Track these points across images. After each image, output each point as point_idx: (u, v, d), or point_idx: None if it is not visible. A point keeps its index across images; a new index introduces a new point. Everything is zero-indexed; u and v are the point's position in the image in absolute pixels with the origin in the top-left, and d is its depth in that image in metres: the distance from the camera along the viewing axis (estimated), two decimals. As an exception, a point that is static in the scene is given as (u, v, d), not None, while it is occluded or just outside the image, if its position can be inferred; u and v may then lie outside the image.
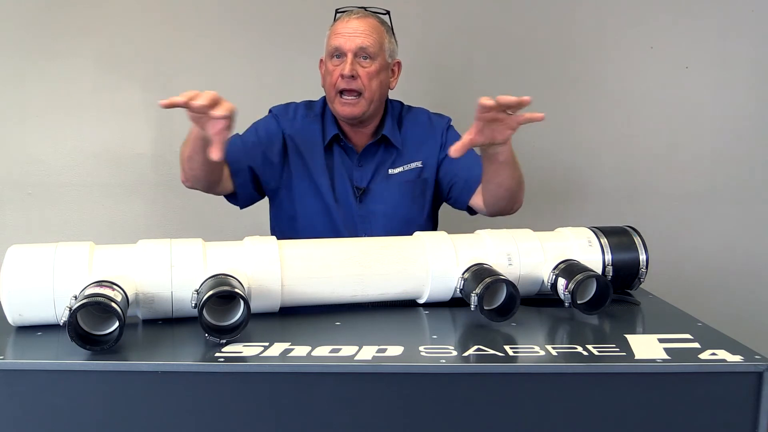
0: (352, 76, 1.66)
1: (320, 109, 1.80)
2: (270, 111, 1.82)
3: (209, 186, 1.65)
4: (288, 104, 1.83)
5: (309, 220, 1.74)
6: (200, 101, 1.25)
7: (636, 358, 0.99)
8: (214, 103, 1.27)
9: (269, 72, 2.33)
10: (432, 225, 1.83)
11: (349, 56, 1.66)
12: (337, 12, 1.77)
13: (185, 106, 1.26)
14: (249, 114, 2.32)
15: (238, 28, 2.32)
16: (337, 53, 1.68)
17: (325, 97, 1.82)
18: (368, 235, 1.69)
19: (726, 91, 2.41)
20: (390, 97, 1.84)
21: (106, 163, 2.31)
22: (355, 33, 1.67)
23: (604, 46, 2.40)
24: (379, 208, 1.73)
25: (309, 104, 1.82)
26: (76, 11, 2.25)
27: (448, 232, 1.27)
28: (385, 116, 1.79)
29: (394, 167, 1.76)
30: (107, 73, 2.28)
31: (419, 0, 2.33)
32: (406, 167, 1.76)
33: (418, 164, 1.77)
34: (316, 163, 1.74)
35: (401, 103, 1.87)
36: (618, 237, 1.29)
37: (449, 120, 1.85)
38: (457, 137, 1.81)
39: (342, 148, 1.76)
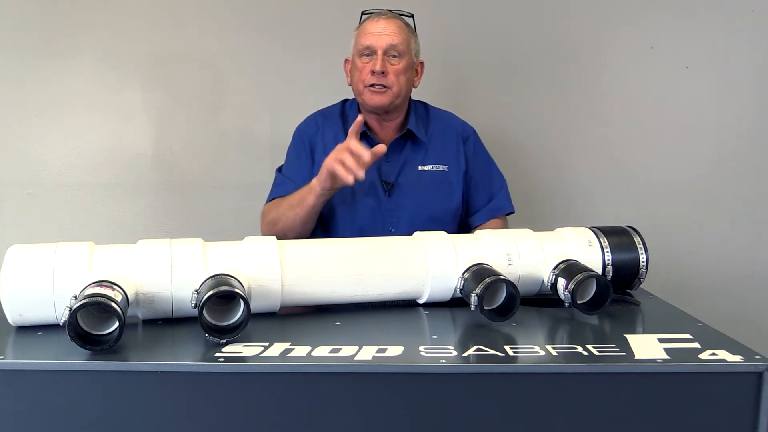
0: (383, 72, 1.72)
1: (339, 111, 1.87)
2: (295, 133, 1.89)
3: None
4: (306, 119, 1.90)
5: (337, 215, 1.77)
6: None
7: (636, 358, 0.99)
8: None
9: (269, 72, 2.33)
10: (457, 227, 1.86)
11: (380, 53, 1.73)
12: (363, 14, 1.84)
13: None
14: (249, 114, 2.34)
15: (238, 28, 2.32)
16: (368, 51, 1.75)
17: (342, 101, 1.90)
18: (394, 228, 1.76)
19: (726, 91, 2.41)
20: (413, 96, 1.88)
21: (106, 163, 2.31)
22: (384, 32, 1.75)
23: (605, 46, 2.40)
24: (407, 202, 1.78)
25: (324, 111, 1.90)
26: (76, 11, 2.25)
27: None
28: (409, 113, 1.85)
29: (423, 164, 1.81)
30: (107, 73, 2.28)
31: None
32: (435, 167, 1.82)
33: (445, 168, 1.82)
34: None
35: (425, 104, 1.92)
36: (618, 237, 1.29)
37: (473, 130, 1.91)
38: (481, 148, 1.90)
39: (369, 143, 1.79)
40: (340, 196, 1.74)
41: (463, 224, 1.87)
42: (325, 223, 1.79)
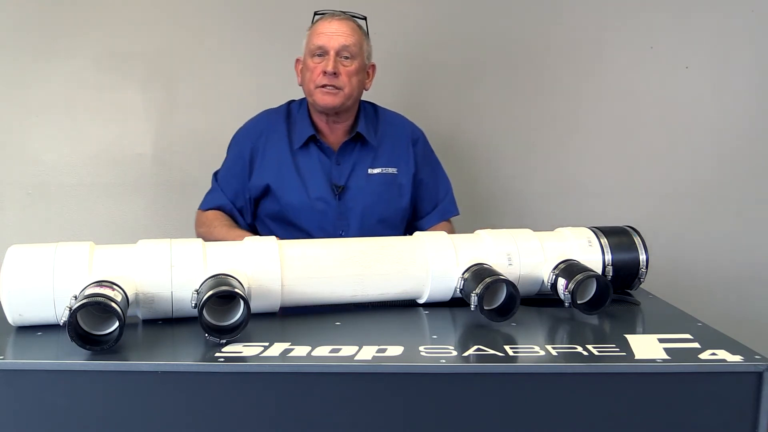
0: (335, 73, 1.72)
1: (285, 114, 1.85)
2: (235, 136, 1.88)
3: None
4: (250, 122, 1.89)
5: (287, 218, 1.78)
6: None
7: (636, 358, 0.99)
8: None
9: (269, 72, 2.33)
10: (405, 228, 1.87)
11: (332, 54, 1.73)
12: (315, 14, 1.83)
13: None
14: (248, 113, 2.32)
15: (238, 28, 2.32)
16: (320, 51, 1.75)
17: (289, 102, 1.89)
18: (344, 231, 1.76)
19: (726, 91, 2.41)
20: (363, 98, 1.88)
21: (106, 163, 2.31)
22: (337, 33, 1.74)
23: (604, 46, 2.39)
24: (357, 205, 1.78)
25: (270, 112, 1.88)
26: (76, 11, 2.25)
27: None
28: (359, 115, 1.84)
29: (373, 167, 1.81)
30: (107, 73, 2.28)
31: (423, 2, 2.33)
32: (384, 170, 1.82)
33: (394, 171, 1.83)
34: (286, 167, 1.78)
35: (374, 105, 1.91)
36: (618, 237, 1.29)
37: (422, 133, 1.91)
38: (429, 151, 1.90)
39: (319, 147, 1.80)
40: (291, 200, 1.75)
41: (409, 227, 1.88)
42: (274, 226, 1.79)
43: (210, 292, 0.99)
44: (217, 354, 0.97)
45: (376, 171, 1.81)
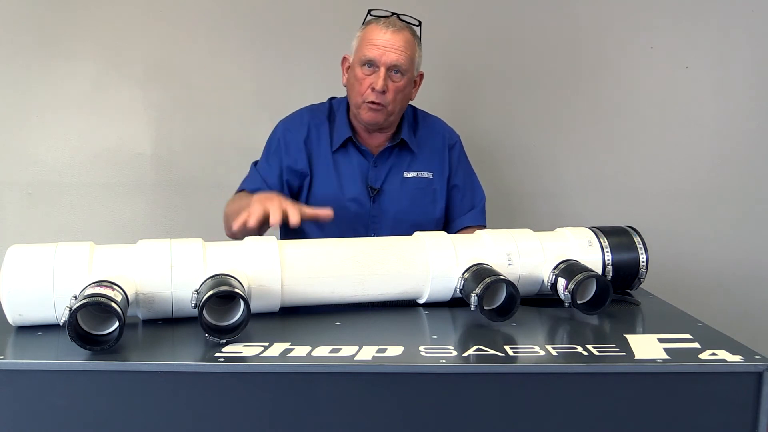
0: (383, 91, 1.68)
1: (326, 113, 1.82)
2: (278, 125, 1.84)
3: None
4: (293, 114, 1.85)
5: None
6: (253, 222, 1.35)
7: (636, 358, 0.99)
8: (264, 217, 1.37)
9: (269, 72, 2.33)
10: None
11: (382, 70, 1.67)
12: (369, 12, 1.76)
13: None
14: (248, 113, 2.34)
15: (238, 29, 2.32)
16: (370, 64, 1.69)
17: (330, 100, 1.86)
18: (376, 235, 1.72)
19: (726, 91, 2.41)
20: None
21: (106, 163, 2.31)
22: (391, 47, 1.67)
23: (605, 46, 2.40)
24: (391, 208, 1.76)
25: (313, 109, 1.84)
26: (77, 12, 2.25)
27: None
28: (402, 121, 1.81)
29: (409, 171, 1.79)
30: (107, 73, 2.28)
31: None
32: (420, 174, 1.80)
33: (430, 175, 1.81)
34: (324, 165, 1.77)
35: (414, 109, 1.89)
36: (618, 237, 1.29)
37: (459, 138, 1.89)
38: (464, 157, 1.88)
39: (357, 149, 1.79)
40: (325, 198, 1.71)
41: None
42: (307, 225, 1.75)
43: (210, 292, 0.99)
44: (217, 354, 0.97)
45: (412, 174, 1.79)
